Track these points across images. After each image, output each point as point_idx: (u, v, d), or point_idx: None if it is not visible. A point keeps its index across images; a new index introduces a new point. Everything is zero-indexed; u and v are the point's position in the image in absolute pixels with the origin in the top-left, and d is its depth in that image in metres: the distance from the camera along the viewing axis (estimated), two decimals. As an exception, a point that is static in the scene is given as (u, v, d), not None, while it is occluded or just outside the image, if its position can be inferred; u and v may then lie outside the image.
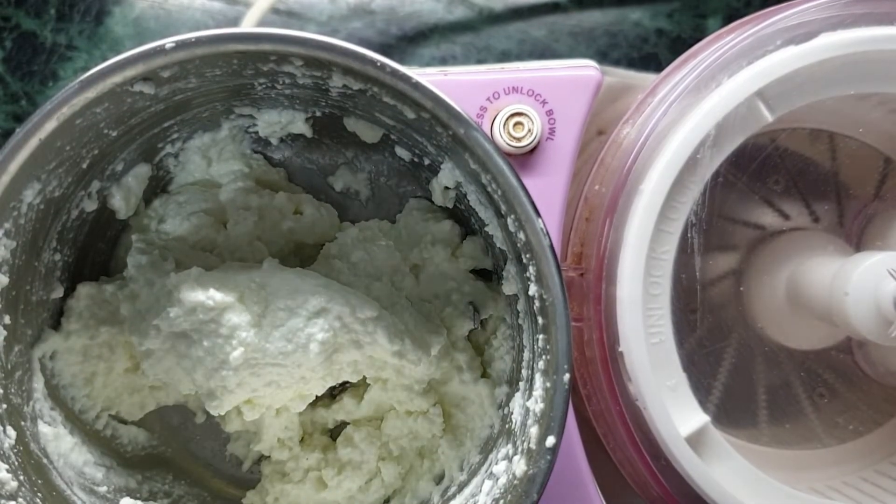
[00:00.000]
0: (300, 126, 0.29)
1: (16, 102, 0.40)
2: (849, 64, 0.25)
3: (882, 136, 0.29)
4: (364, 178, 0.31)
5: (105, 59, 0.23)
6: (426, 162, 0.29)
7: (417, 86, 0.23)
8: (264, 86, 0.26)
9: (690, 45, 0.28)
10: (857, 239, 0.29)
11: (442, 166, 0.27)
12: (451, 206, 0.30)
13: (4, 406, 0.24)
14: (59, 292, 0.27)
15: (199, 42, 0.22)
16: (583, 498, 0.27)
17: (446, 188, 0.29)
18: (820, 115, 0.28)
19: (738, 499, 0.25)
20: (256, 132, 0.30)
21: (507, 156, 0.23)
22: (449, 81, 0.27)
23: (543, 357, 0.24)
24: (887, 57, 0.25)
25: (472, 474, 0.27)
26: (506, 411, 0.27)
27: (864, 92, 0.26)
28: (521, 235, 0.23)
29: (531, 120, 0.26)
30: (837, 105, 0.27)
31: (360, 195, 0.31)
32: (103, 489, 0.27)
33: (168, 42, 0.22)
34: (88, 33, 0.41)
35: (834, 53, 0.25)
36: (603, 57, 0.39)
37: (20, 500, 0.23)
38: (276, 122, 0.29)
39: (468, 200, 0.28)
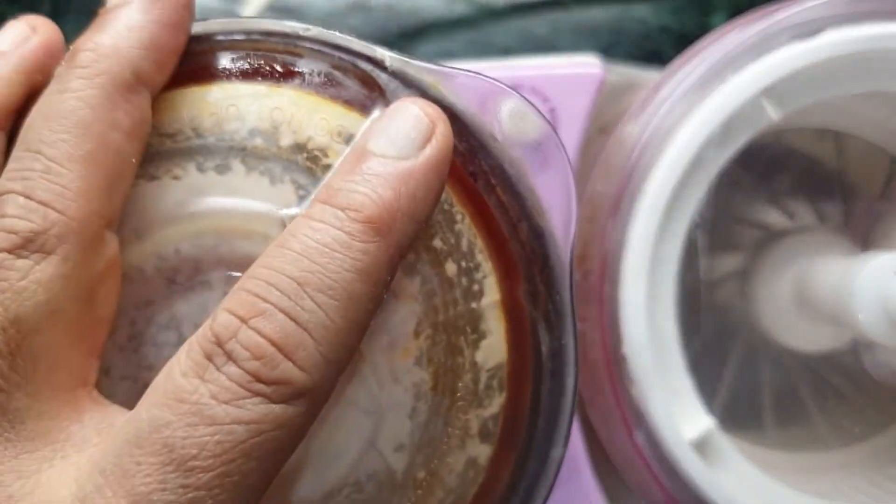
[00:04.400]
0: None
1: (9, 100, 0.40)
2: (855, 62, 0.25)
3: (889, 135, 0.29)
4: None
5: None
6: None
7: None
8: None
9: (694, 42, 0.27)
10: (864, 239, 0.29)
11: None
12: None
13: None
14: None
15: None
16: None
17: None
18: (826, 113, 0.28)
19: (743, 504, 0.25)
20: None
21: (508, 154, 0.23)
22: (449, 78, 0.27)
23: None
24: (894, 55, 0.25)
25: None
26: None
27: (871, 90, 0.26)
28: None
29: (533, 118, 0.26)
30: (844, 104, 0.27)
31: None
32: None
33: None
34: (83, 30, 0.40)
35: (840, 51, 0.25)
36: (606, 54, 0.38)
37: None
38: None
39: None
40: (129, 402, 0.17)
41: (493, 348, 0.19)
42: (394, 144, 0.17)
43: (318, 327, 0.15)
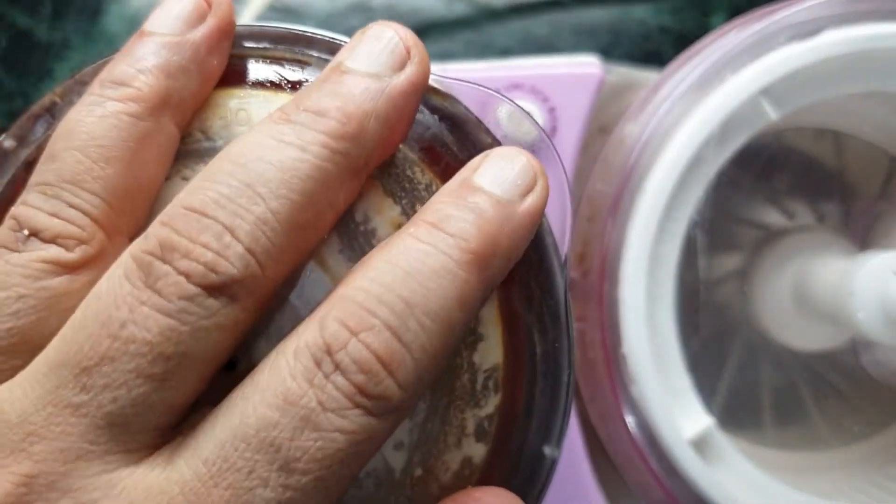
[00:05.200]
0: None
1: (11, 101, 0.40)
2: (854, 61, 0.25)
3: (888, 134, 0.29)
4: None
5: (101, 57, 0.22)
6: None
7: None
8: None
9: (694, 43, 0.27)
10: (863, 238, 0.29)
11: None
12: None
13: None
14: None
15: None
16: (586, 502, 0.27)
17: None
18: (825, 113, 0.28)
19: (742, 503, 0.25)
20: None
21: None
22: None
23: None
24: (892, 55, 0.25)
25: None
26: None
27: (870, 90, 0.26)
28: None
29: (532, 118, 0.26)
30: (843, 103, 0.27)
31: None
32: None
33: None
34: (84, 31, 0.40)
35: (839, 50, 0.25)
36: (605, 54, 0.38)
37: None
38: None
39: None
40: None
41: (490, 350, 0.19)
42: (500, 185, 0.17)
43: (418, 348, 0.15)
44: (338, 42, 0.20)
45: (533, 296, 0.20)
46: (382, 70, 0.17)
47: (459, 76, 0.27)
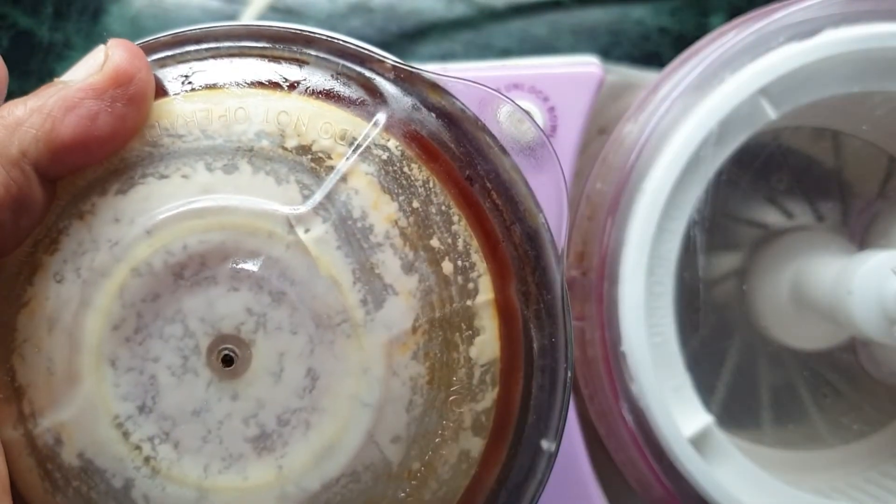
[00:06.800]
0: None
1: (12, 101, 0.40)
2: (852, 61, 0.25)
3: (886, 134, 0.29)
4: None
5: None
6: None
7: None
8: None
9: (693, 43, 0.28)
10: (861, 237, 0.29)
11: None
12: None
13: None
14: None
15: (195, 36, 0.22)
16: (586, 500, 0.27)
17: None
18: (823, 113, 0.28)
19: (741, 500, 0.25)
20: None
21: (508, 153, 0.23)
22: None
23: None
24: (891, 55, 0.25)
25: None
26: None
27: (868, 90, 0.26)
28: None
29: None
30: (841, 103, 0.27)
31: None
32: None
33: (164, 36, 0.22)
34: (86, 32, 0.41)
35: (837, 50, 0.25)
36: (605, 55, 0.39)
37: None
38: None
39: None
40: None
41: (487, 344, 0.19)
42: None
43: None
44: (336, 41, 0.20)
45: (530, 291, 0.20)
46: (73, 78, 0.18)
47: (459, 76, 0.27)
